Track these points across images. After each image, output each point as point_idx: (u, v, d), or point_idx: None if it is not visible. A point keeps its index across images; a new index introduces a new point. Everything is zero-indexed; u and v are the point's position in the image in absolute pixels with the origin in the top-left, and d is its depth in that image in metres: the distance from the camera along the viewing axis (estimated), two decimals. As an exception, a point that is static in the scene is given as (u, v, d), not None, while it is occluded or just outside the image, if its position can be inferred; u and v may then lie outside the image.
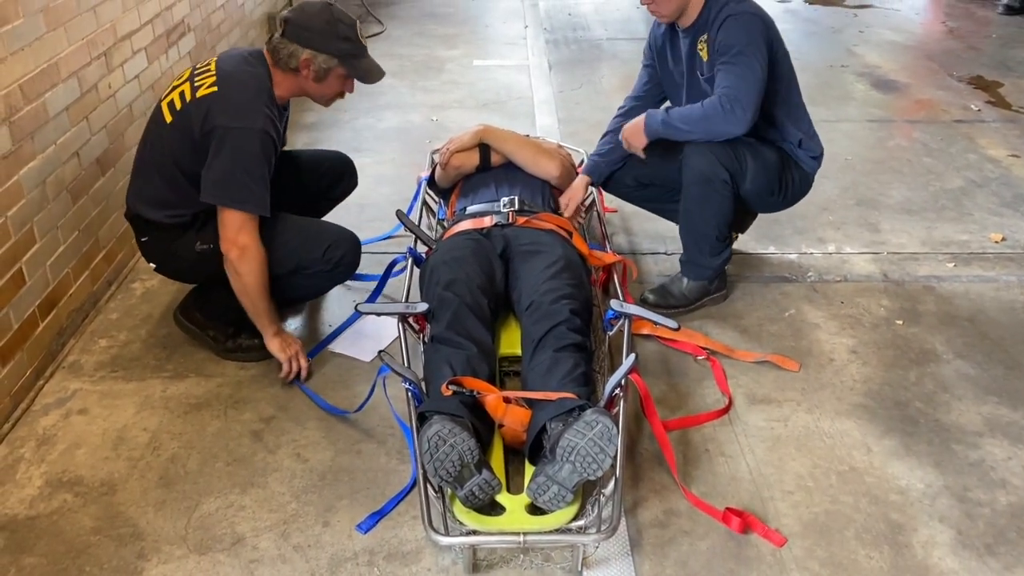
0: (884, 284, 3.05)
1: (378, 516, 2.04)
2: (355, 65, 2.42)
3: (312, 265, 2.53)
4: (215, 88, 2.35)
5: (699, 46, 2.60)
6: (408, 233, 2.87)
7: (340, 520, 2.04)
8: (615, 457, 1.88)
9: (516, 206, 2.74)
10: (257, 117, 2.33)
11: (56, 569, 1.91)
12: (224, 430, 2.33)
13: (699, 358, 2.62)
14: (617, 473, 1.90)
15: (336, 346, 2.67)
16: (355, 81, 2.49)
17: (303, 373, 2.49)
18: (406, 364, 2.28)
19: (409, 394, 2.12)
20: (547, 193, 2.96)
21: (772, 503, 2.10)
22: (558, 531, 1.91)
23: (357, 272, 2.88)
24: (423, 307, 2.37)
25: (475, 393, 2.07)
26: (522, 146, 3.02)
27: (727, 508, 2.04)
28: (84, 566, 1.92)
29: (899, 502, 2.11)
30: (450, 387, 2.05)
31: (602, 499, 1.93)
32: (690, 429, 2.34)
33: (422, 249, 2.80)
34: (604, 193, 3.24)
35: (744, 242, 3.24)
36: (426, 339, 2.40)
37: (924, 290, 3.01)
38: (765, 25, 2.56)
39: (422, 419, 1.99)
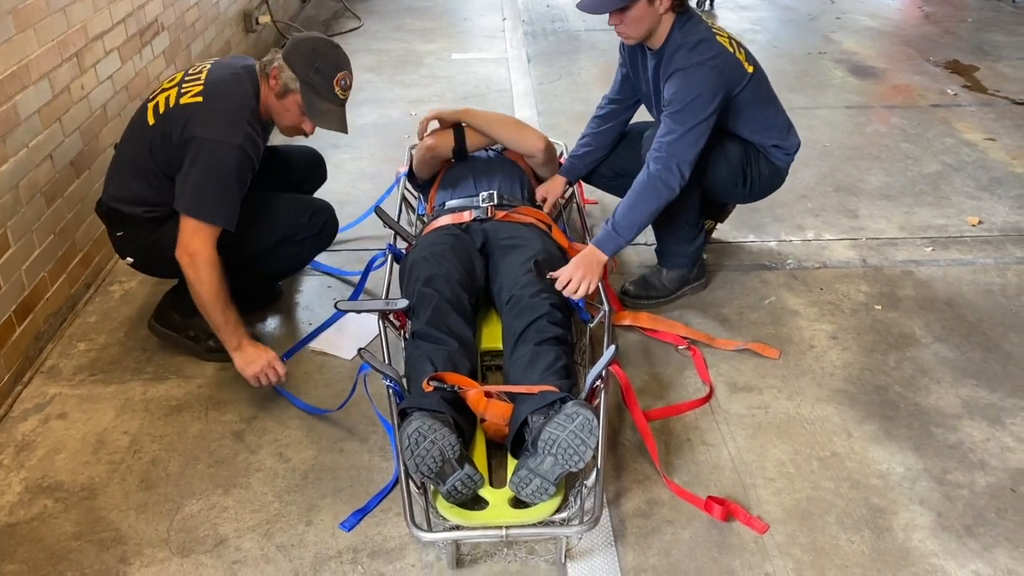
0: (863, 270, 3.07)
1: (361, 514, 2.04)
2: (312, 101, 2.38)
3: (300, 231, 2.58)
4: (200, 98, 2.34)
5: (661, 72, 2.58)
6: (388, 229, 2.86)
7: (323, 519, 2.04)
8: (596, 449, 1.88)
9: (495, 200, 2.74)
10: (237, 133, 2.31)
11: None
12: (205, 431, 2.32)
13: (680, 348, 2.63)
14: (599, 464, 1.91)
15: (317, 344, 2.67)
16: (315, 126, 2.46)
17: (279, 379, 2.37)
18: (387, 361, 2.28)
19: (390, 391, 2.12)
20: (526, 186, 2.95)
21: (754, 490, 2.11)
22: (541, 524, 1.91)
23: (337, 268, 2.90)
24: (403, 303, 2.36)
25: (456, 388, 2.07)
26: (505, 123, 3.01)
27: (709, 496, 2.06)
28: (66, 572, 1.91)
29: (879, 486, 2.12)
30: (431, 383, 2.04)
31: (584, 491, 1.94)
32: (672, 418, 2.35)
33: (402, 245, 2.79)
34: (584, 185, 3.24)
35: (723, 231, 3.25)
36: (407, 335, 2.39)
37: (903, 275, 3.03)
38: (716, 72, 2.46)
39: (403, 416, 1.99)
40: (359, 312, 2.53)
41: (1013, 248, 3.20)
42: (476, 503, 1.96)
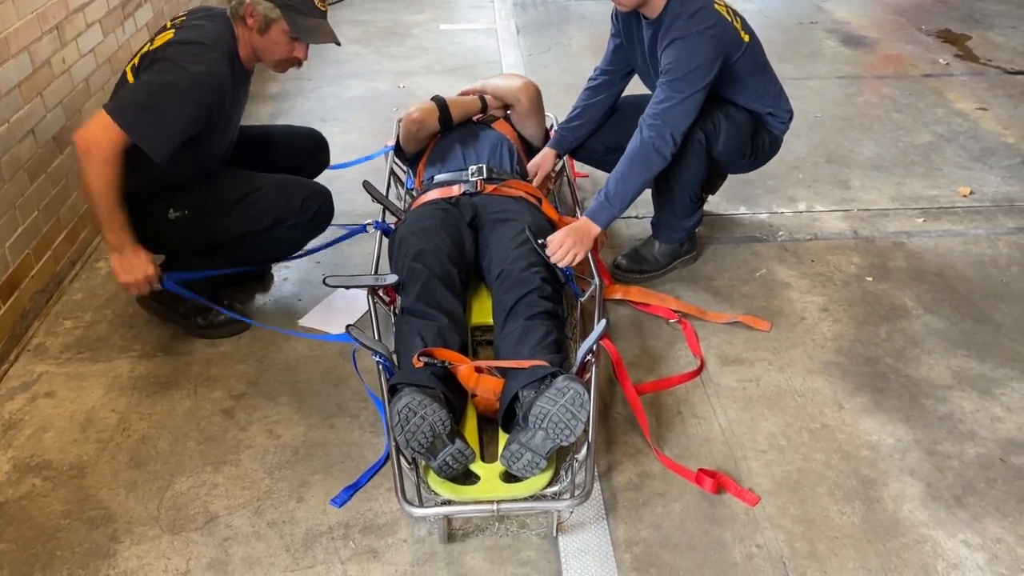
0: (854, 241, 3.06)
1: (352, 489, 2.04)
2: (296, 21, 2.30)
3: (291, 217, 2.50)
4: (171, 33, 2.25)
5: (658, 42, 2.55)
6: (377, 204, 2.83)
7: (314, 495, 2.03)
8: (587, 423, 1.88)
9: (484, 174, 2.71)
10: (199, 61, 2.20)
11: (27, 555, 1.89)
12: (194, 409, 2.30)
13: (671, 321, 2.62)
14: (590, 438, 1.90)
15: (306, 321, 2.65)
16: (308, 47, 2.38)
17: (150, 291, 2.34)
18: (377, 337, 2.26)
19: (380, 366, 2.11)
20: (516, 159, 2.93)
21: (745, 463, 2.12)
22: (532, 498, 1.91)
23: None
24: (392, 279, 2.35)
25: (447, 364, 2.06)
26: (495, 77, 3.06)
27: (700, 469, 2.06)
28: (56, 550, 1.90)
29: (870, 458, 2.13)
30: (421, 359, 2.03)
31: (575, 464, 1.94)
32: (663, 392, 2.34)
33: (390, 220, 2.77)
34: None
35: (715, 203, 3.24)
36: (396, 311, 2.38)
37: (894, 246, 3.03)
38: (715, 41, 2.44)
39: (393, 392, 1.98)
40: (348, 288, 2.51)
41: (1004, 219, 3.20)
42: (467, 478, 1.96)
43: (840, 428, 2.22)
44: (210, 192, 2.45)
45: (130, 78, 2.32)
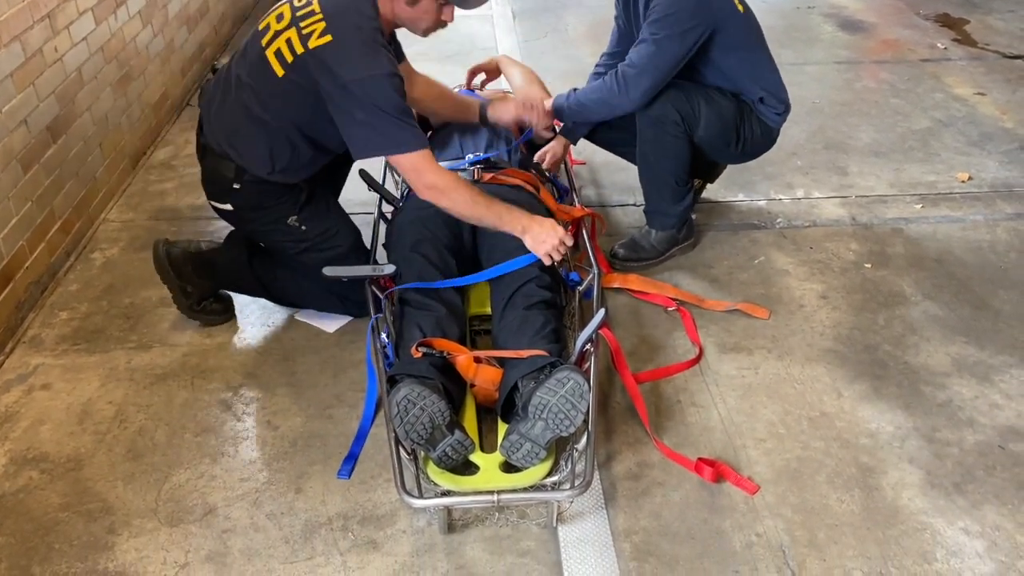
0: (853, 228, 3.05)
1: (352, 460, 2.06)
2: None
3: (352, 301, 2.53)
4: (328, 36, 2.14)
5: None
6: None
7: (313, 486, 2.03)
8: (587, 413, 1.87)
9: (481, 162, 2.69)
10: (381, 61, 2.15)
11: (25, 547, 1.88)
12: (192, 400, 2.30)
13: (669, 309, 2.61)
14: (590, 428, 1.90)
15: (301, 315, 2.63)
16: (454, 9, 2.32)
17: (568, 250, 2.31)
18: (376, 332, 2.24)
19: (380, 354, 2.10)
20: (514, 148, 2.90)
21: (744, 451, 2.11)
22: (532, 488, 1.90)
23: None
24: (390, 269, 2.33)
25: (445, 354, 2.05)
26: (526, 72, 2.98)
27: (699, 458, 2.05)
28: (54, 543, 1.89)
29: (869, 445, 2.13)
30: (420, 349, 2.02)
31: (575, 454, 1.93)
32: (661, 381, 2.34)
33: (387, 209, 2.75)
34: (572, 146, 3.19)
35: (713, 190, 3.22)
36: (395, 301, 2.36)
37: (892, 232, 3.02)
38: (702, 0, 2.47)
39: (392, 383, 1.97)
40: (346, 278, 2.49)
41: (1003, 204, 3.19)
42: (467, 468, 1.95)
43: (839, 416, 2.22)
44: (334, 227, 2.47)
45: (276, 68, 2.19)
